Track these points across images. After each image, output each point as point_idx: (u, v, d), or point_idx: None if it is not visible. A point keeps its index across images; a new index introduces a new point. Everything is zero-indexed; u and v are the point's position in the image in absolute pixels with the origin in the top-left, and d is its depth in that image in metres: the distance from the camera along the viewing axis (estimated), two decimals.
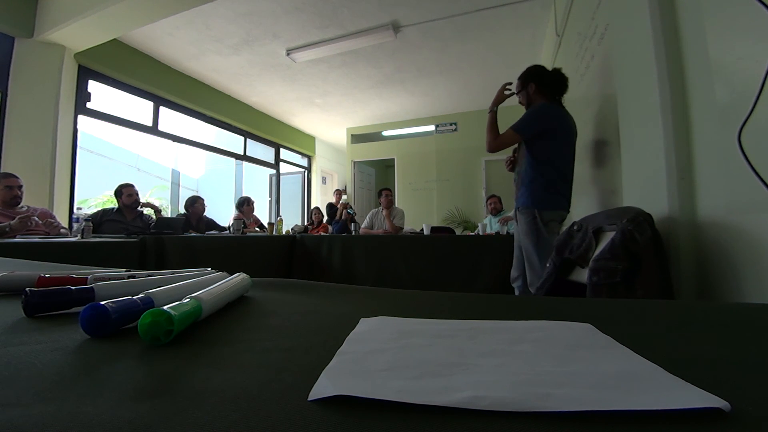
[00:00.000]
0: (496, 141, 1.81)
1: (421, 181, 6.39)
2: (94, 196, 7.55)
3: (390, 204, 3.86)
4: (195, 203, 3.51)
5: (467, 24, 3.54)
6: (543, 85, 1.81)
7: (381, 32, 3.61)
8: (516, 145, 1.90)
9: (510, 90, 1.91)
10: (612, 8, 1.67)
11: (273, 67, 4.44)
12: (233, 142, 5.76)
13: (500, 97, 1.89)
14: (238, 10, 3.32)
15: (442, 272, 2.81)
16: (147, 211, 3.13)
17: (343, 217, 4.22)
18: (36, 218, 2.18)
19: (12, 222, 2.07)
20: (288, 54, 4.06)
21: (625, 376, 0.20)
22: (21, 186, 2.39)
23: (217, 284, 0.38)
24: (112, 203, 3.13)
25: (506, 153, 2.00)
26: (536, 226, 1.70)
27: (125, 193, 2.90)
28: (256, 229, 3.87)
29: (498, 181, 5.66)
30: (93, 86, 3.66)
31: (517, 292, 1.95)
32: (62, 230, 2.50)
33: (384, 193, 3.88)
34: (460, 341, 0.26)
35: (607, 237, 1.14)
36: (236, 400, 0.18)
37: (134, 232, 2.35)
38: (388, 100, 5.63)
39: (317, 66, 4.42)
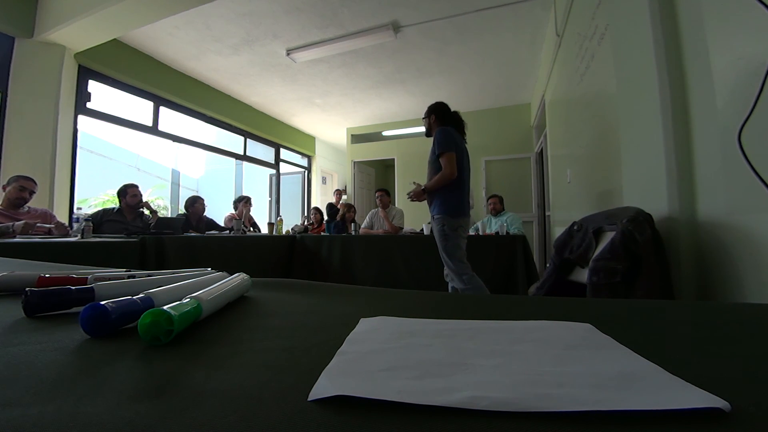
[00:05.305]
0: (450, 169, 2.05)
1: (421, 182, 6.37)
2: (94, 195, 7.56)
3: (386, 205, 3.85)
4: (195, 203, 3.51)
5: (467, 24, 3.54)
6: (442, 119, 2.24)
7: (381, 32, 3.60)
8: (418, 181, 2.35)
9: (416, 183, 2.33)
10: (612, 8, 1.67)
11: (273, 67, 4.44)
12: (233, 142, 5.76)
13: (419, 192, 2.24)
14: (238, 10, 3.32)
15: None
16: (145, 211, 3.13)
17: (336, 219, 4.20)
18: (42, 224, 2.18)
19: (15, 224, 2.07)
20: (288, 54, 4.06)
21: (625, 376, 0.20)
22: (33, 192, 2.40)
23: (217, 284, 0.38)
24: (113, 203, 3.13)
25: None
26: (444, 231, 2.07)
27: (130, 193, 2.89)
28: (249, 227, 3.87)
29: (498, 181, 5.66)
30: (93, 86, 3.65)
31: (450, 288, 2.27)
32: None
33: (378, 194, 3.88)
34: (460, 341, 0.26)
35: (607, 237, 1.14)
36: (236, 400, 0.18)
37: (134, 232, 2.35)
38: (388, 100, 5.62)
39: (317, 66, 4.42)
